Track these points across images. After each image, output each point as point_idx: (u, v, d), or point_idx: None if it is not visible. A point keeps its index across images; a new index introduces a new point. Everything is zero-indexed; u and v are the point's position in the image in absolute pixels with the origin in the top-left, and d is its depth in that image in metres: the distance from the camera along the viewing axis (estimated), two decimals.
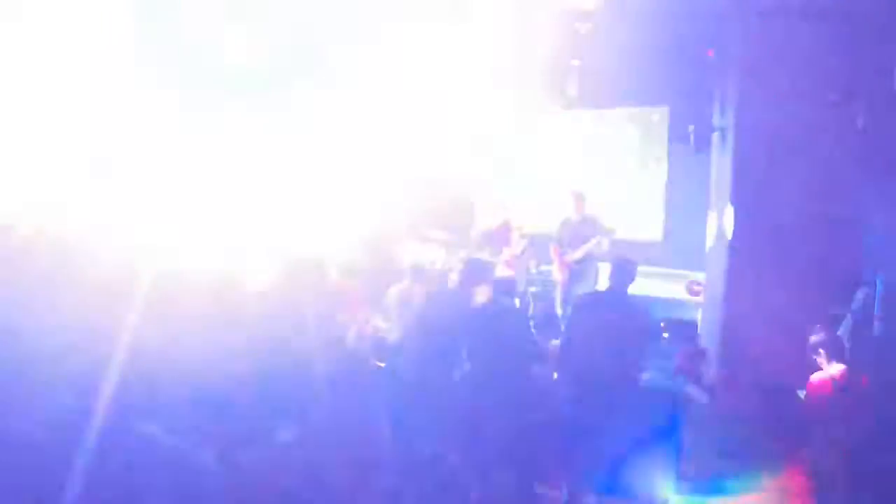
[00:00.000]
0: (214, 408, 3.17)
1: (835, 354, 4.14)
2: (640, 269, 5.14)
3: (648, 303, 5.81)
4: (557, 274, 7.96)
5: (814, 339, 4.20)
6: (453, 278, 6.76)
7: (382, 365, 7.12)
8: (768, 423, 4.59)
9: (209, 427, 3.14)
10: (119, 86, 7.17)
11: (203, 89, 7.43)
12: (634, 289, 4.93)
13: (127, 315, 3.24)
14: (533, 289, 8.74)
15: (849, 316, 6.03)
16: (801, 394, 4.25)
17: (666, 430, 5.47)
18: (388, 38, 7.87)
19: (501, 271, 7.02)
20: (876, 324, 5.66)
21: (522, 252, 8.25)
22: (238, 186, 7.49)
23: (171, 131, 7.28)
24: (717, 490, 4.69)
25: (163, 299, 3.43)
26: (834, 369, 4.10)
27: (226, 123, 7.59)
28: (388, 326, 7.09)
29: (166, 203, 6.60)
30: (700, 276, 8.14)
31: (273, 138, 7.93)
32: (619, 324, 4.66)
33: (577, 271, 7.73)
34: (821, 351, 4.13)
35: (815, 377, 4.10)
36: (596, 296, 5.86)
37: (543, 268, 8.62)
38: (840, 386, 4.05)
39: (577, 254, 7.66)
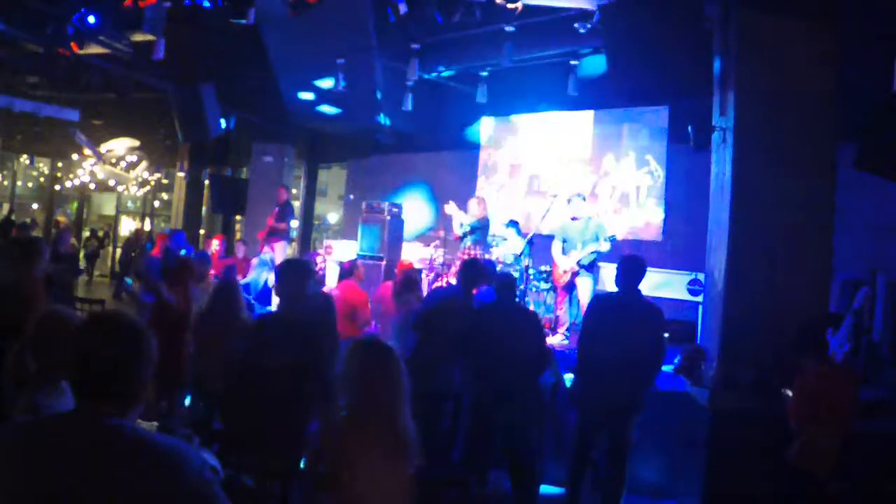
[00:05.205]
0: None
1: (818, 353, 4.14)
2: None
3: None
4: (558, 275, 7.96)
5: (796, 338, 4.21)
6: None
7: None
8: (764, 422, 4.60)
9: None
10: None
11: None
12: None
13: None
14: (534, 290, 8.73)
15: (849, 316, 6.04)
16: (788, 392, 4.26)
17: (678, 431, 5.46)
18: None
19: None
20: (876, 324, 5.68)
21: (521, 252, 8.23)
22: None
23: None
24: None
25: None
26: (819, 367, 4.11)
27: None
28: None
29: None
30: (700, 276, 8.14)
31: None
32: (635, 324, 4.67)
33: (578, 273, 7.73)
34: (805, 350, 4.14)
35: (800, 375, 4.10)
36: (610, 296, 5.80)
37: (543, 268, 8.62)
38: (824, 383, 4.05)
39: (579, 255, 7.66)
